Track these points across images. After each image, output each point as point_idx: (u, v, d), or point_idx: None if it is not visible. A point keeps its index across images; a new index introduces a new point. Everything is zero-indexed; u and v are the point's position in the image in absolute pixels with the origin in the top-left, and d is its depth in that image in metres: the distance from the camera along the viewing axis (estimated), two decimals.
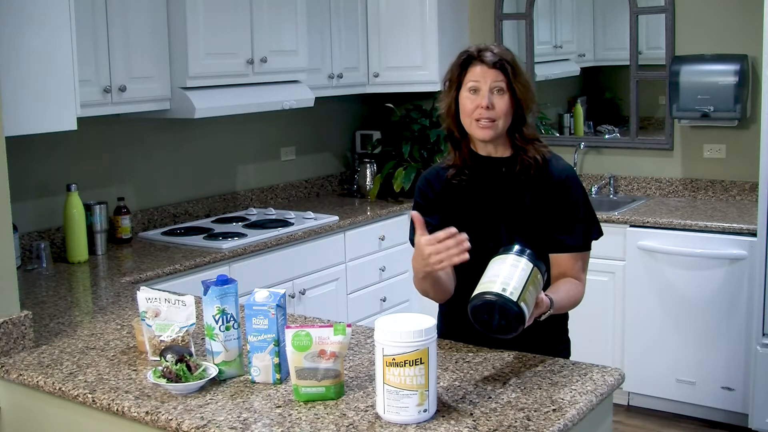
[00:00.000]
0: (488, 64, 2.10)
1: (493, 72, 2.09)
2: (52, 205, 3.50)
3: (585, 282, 2.18)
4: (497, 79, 2.09)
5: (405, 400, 1.68)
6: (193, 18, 3.55)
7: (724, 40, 4.21)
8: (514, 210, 2.17)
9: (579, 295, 2.13)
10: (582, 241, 2.16)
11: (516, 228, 2.16)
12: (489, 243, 2.17)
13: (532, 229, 2.15)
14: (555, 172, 2.16)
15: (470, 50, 2.15)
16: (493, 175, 2.19)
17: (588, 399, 1.84)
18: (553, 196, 2.14)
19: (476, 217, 2.19)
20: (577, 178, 2.19)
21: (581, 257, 2.16)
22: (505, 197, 2.17)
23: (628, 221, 3.98)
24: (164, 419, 1.79)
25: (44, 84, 2.66)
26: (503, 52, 2.12)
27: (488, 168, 2.19)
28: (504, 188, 2.18)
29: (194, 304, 2.13)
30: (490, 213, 2.18)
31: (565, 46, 5.13)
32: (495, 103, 2.09)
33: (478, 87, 2.10)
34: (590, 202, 2.21)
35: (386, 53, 4.72)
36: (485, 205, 2.19)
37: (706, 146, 4.36)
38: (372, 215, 4.30)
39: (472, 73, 2.12)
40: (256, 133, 4.50)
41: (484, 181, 2.20)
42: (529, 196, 2.16)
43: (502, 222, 2.17)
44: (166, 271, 3.22)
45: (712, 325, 3.83)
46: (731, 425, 3.87)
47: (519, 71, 2.12)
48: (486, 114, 2.09)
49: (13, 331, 2.24)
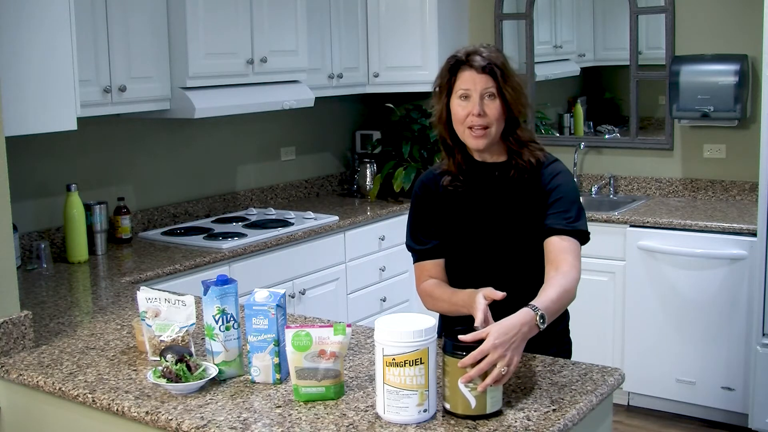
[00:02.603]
0: (477, 69, 2.06)
1: (482, 77, 2.06)
2: (52, 205, 3.50)
3: (579, 269, 2.04)
4: (487, 85, 2.06)
5: (405, 400, 1.68)
6: (193, 18, 3.55)
7: (724, 40, 4.21)
8: (510, 215, 2.15)
9: (570, 284, 1.99)
10: (565, 226, 2.06)
11: (512, 232, 2.15)
12: (485, 248, 2.18)
13: (528, 233, 2.14)
14: (547, 174, 2.13)
15: (458, 55, 2.11)
16: (489, 180, 2.17)
17: (588, 399, 1.84)
18: (543, 195, 2.12)
19: (472, 222, 2.18)
20: (569, 178, 2.15)
21: (566, 240, 2.05)
22: (501, 202, 2.16)
23: (628, 221, 3.98)
24: (164, 419, 1.79)
25: (44, 84, 2.66)
26: (493, 56, 2.08)
27: (483, 173, 2.18)
28: (499, 193, 2.16)
29: (194, 304, 2.13)
30: (486, 218, 2.17)
31: (565, 46, 5.13)
32: (486, 109, 2.07)
33: (469, 93, 2.07)
34: (581, 203, 2.14)
35: (386, 53, 4.72)
36: (481, 210, 2.18)
37: (706, 146, 4.36)
38: (372, 215, 4.30)
39: (461, 79, 2.08)
40: (256, 133, 4.50)
41: (480, 186, 2.18)
42: (524, 200, 2.14)
43: (498, 227, 2.16)
44: (166, 271, 3.22)
45: (712, 325, 3.83)
46: (731, 425, 3.87)
47: (509, 74, 2.08)
48: (478, 121, 2.07)
49: (13, 331, 2.24)
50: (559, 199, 2.10)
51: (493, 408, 1.72)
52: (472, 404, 1.69)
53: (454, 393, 1.71)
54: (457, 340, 1.72)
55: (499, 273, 2.19)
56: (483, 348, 1.68)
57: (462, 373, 1.68)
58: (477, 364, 1.67)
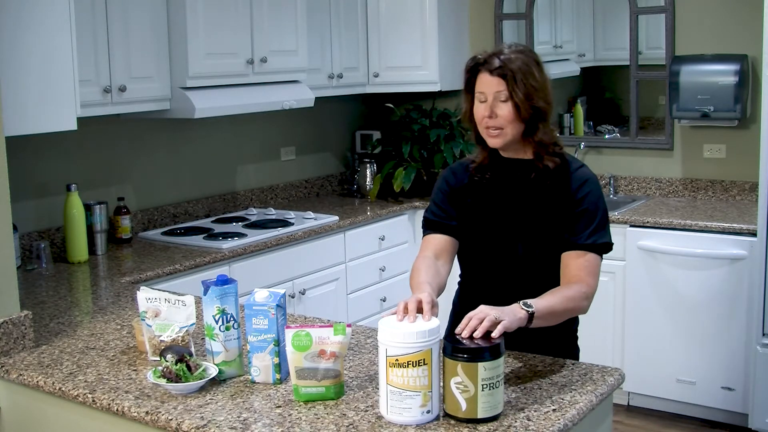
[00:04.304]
0: (490, 72, 2.09)
1: (495, 80, 2.08)
2: (52, 205, 3.50)
3: (592, 286, 2.09)
4: (499, 89, 2.08)
5: (408, 401, 1.68)
6: (193, 18, 3.55)
7: (724, 40, 4.21)
8: (531, 212, 2.16)
9: (577, 296, 2.03)
10: (585, 240, 2.10)
11: (530, 230, 2.16)
12: (502, 242, 2.19)
13: (546, 233, 2.14)
14: (576, 180, 2.15)
15: (478, 57, 2.14)
16: (513, 176, 2.20)
17: (588, 399, 1.84)
18: (570, 202, 2.13)
19: (493, 215, 2.20)
20: (597, 185, 2.17)
21: (584, 257, 2.10)
22: (524, 199, 2.18)
23: (628, 221, 3.98)
24: (164, 419, 1.79)
25: (44, 84, 2.65)
26: (511, 57, 2.09)
27: (509, 169, 2.21)
28: (524, 190, 2.18)
29: (194, 304, 2.13)
30: (507, 213, 2.19)
31: (565, 46, 5.13)
32: (498, 111, 2.09)
33: (485, 97, 2.11)
34: (606, 214, 2.16)
35: (386, 53, 4.72)
36: (503, 204, 2.20)
37: (706, 146, 4.36)
38: (372, 215, 4.30)
39: (478, 81, 2.13)
40: (256, 133, 4.50)
41: (505, 181, 2.21)
42: (548, 200, 2.15)
43: (517, 222, 2.18)
44: (166, 271, 3.22)
45: (712, 325, 3.83)
46: (731, 425, 3.87)
47: (521, 78, 2.07)
48: (491, 123, 2.10)
49: (13, 331, 2.24)
50: (585, 211, 2.12)
51: (488, 413, 1.70)
52: (463, 407, 1.69)
53: (449, 395, 1.71)
54: (457, 341, 1.72)
55: (511, 269, 2.20)
56: (471, 313, 1.78)
57: (455, 374, 1.68)
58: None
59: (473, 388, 1.67)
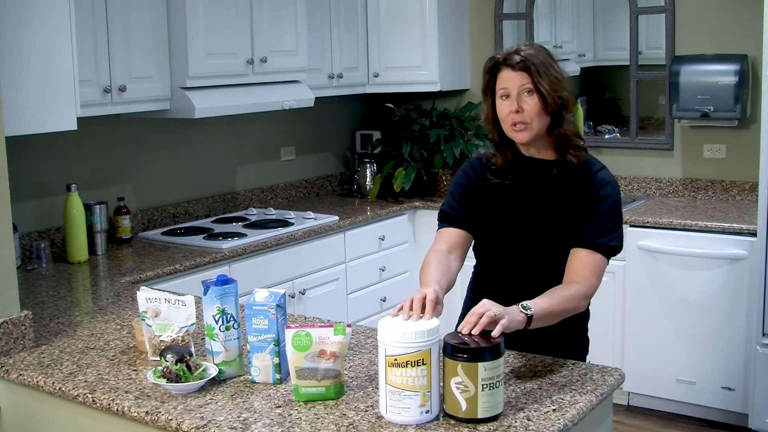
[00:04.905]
0: (512, 67, 2.11)
1: (518, 75, 2.10)
2: (52, 205, 3.50)
3: (594, 286, 2.10)
4: (523, 82, 2.10)
5: (407, 400, 1.68)
6: (193, 18, 3.55)
7: (724, 40, 4.21)
8: (551, 212, 2.17)
9: (576, 296, 2.04)
10: (596, 240, 2.10)
11: (549, 229, 2.17)
12: (520, 238, 2.20)
13: (562, 229, 2.15)
14: (597, 182, 2.16)
15: (497, 56, 2.16)
16: (534, 176, 2.20)
17: (588, 399, 1.84)
18: (589, 201, 2.14)
19: (511, 212, 2.21)
20: (616, 188, 2.18)
21: (591, 256, 2.10)
22: (545, 198, 2.18)
23: (628, 221, 3.98)
24: (164, 419, 1.79)
25: (44, 84, 2.65)
26: (530, 53, 2.11)
27: (531, 169, 2.21)
28: (544, 189, 2.18)
29: (194, 304, 2.13)
30: (526, 211, 2.20)
31: (565, 46, 5.12)
32: (524, 105, 2.10)
33: (508, 92, 2.12)
34: (621, 219, 2.18)
35: (386, 53, 4.72)
36: (521, 202, 2.20)
37: (706, 146, 4.36)
38: (372, 215, 4.30)
39: (500, 79, 2.14)
40: (256, 133, 4.50)
41: (526, 181, 2.21)
42: (569, 200, 2.16)
43: (535, 219, 2.18)
44: (166, 271, 3.22)
45: (712, 325, 3.83)
46: (731, 425, 3.87)
47: (544, 71, 2.09)
48: (518, 118, 2.11)
49: (13, 331, 2.24)
50: (601, 211, 2.13)
51: (488, 413, 1.70)
52: (463, 407, 1.69)
53: (449, 395, 1.71)
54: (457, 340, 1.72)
55: (526, 264, 2.21)
56: (473, 309, 1.79)
57: (455, 374, 1.68)
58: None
59: (473, 388, 1.67)
